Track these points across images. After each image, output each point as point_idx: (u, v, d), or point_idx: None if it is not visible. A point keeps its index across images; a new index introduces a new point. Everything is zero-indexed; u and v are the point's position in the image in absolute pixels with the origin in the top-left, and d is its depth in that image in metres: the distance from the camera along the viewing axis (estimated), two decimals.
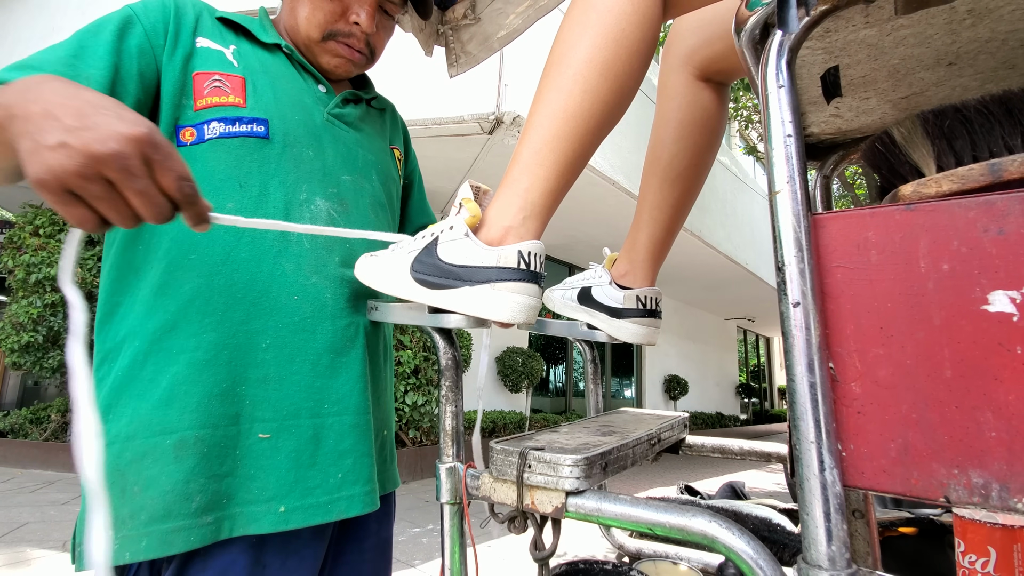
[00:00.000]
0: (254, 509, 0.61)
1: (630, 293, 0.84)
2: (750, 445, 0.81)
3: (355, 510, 0.66)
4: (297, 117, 0.73)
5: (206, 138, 0.67)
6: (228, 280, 0.65)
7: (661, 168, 0.84)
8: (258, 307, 0.65)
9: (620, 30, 0.58)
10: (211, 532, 0.58)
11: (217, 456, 0.60)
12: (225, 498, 0.60)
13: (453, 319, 0.60)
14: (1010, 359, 0.34)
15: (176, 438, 0.59)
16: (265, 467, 0.62)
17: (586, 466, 0.48)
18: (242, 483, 0.61)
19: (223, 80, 0.69)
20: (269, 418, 0.63)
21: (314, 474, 0.64)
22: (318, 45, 0.78)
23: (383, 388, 0.81)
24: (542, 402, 8.45)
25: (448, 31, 1.12)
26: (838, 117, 0.64)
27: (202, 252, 0.65)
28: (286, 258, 0.68)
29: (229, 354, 0.63)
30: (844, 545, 0.37)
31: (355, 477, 0.67)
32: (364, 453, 0.69)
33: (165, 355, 0.62)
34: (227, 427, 0.61)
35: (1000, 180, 0.39)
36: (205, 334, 0.62)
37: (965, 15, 0.45)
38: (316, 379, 0.67)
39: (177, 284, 0.63)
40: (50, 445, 4.90)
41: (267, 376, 0.64)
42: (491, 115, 4.13)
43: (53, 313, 4.85)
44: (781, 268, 0.40)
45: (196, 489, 0.58)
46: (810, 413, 0.38)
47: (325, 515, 0.63)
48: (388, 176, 0.86)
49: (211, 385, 0.61)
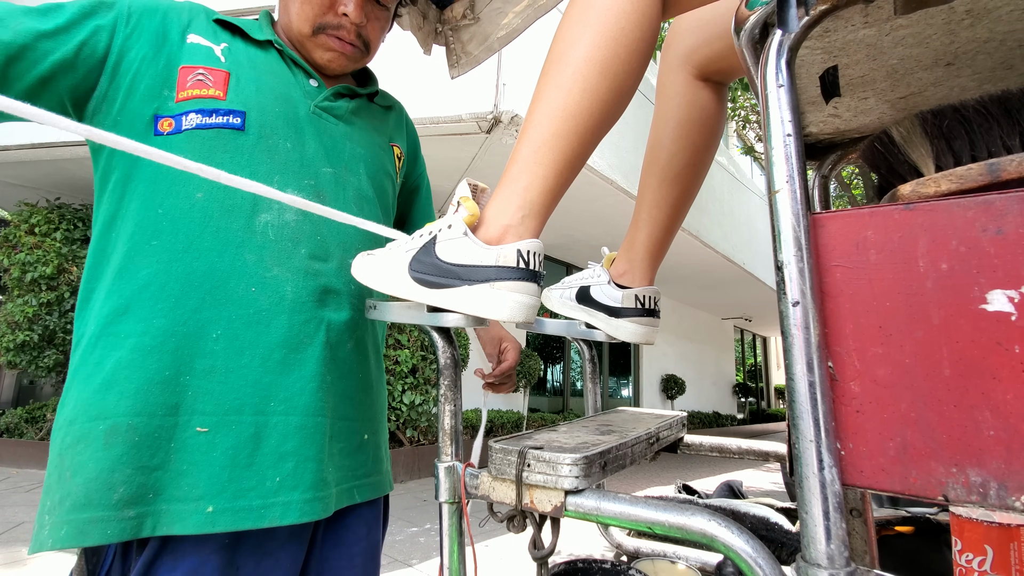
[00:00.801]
0: (180, 507, 0.58)
1: (629, 292, 0.84)
2: (748, 444, 0.82)
3: (290, 518, 0.62)
4: (277, 109, 0.73)
5: (183, 128, 0.67)
6: (187, 268, 0.64)
7: (660, 167, 0.84)
8: (213, 296, 0.64)
9: (620, 28, 0.58)
10: (131, 527, 0.56)
11: (149, 447, 0.58)
12: (152, 492, 0.58)
13: (452, 318, 0.60)
14: (1008, 358, 0.34)
15: (109, 424, 0.57)
16: (198, 463, 0.60)
17: (585, 465, 0.48)
18: (172, 478, 0.59)
19: (207, 74, 0.70)
20: (209, 411, 0.61)
21: (250, 475, 0.62)
22: (310, 40, 0.78)
23: (366, 388, 0.78)
24: (540, 401, 8.45)
25: (448, 31, 1.12)
26: (836, 117, 0.64)
27: (164, 239, 0.64)
28: (248, 248, 0.67)
29: (177, 342, 0.61)
30: (843, 544, 0.37)
31: (295, 482, 0.64)
32: (309, 457, 0.66)
33: (113, 339, 0.61)
34: (164, 417, 0.59)
35: (998, 180, 0.39)
36: (155, 319, 0.61)
37: (963, 15, 0.46)
38: (265, 375, 0.65)
39: (135, 269, 0.63)
40: (46, 444, 4.88)
41: (213, 367, 0.62)
42: (489, 114, 4.13)
43: (48, 312, 4.83)
44: (780, 267, 0.40)
45: (121, 479, 0.56)
46: (809, 412, 0.38)
47: (256, 520, 0.60)
48: (379, 170, 0.85)
49: (153, 372, 0.60)
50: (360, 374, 0.78)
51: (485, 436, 5.00)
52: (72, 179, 5.51)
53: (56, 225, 5.14)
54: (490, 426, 6.16)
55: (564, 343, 8.63)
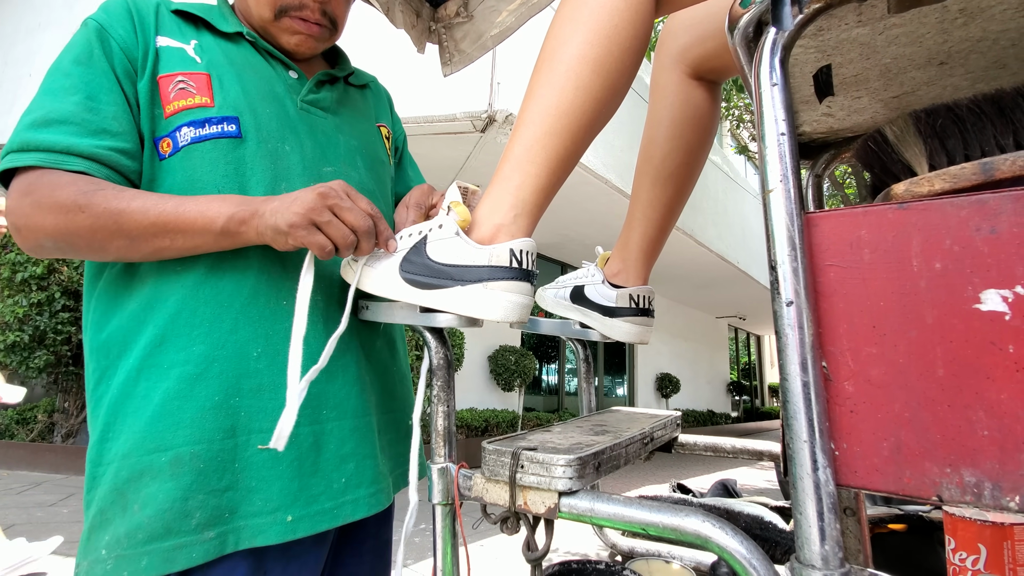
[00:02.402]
0: (259, 521, 0.59)
1: (623, 292, 0.83)
2: (742, 443, 0.82)
3: (360, 513, 0.66)
4: (269, 110, 0.70)
5: (180, 146, 0.65)
6: (213, 290, 0.63)
7: (653, 167, 0.84)
8: (246, 315, 0.64)
9: (613, 26, 0.58)
10: (215, 547, 0.57)
11: (215, 471, 0.59)
12: (227, 512, 0.59)
13: (445, 318, 0.60)
14: (1002, 358, 0.34)
15: (171, 455, 0.58)
16: (267, 478, 0.61)
17: (579, 466, 0.48)
18: (244, 496, 0.60)
19: (187, 80, 0.67)
20: (266, 428, 0.62)
21: (317, 481, 0.63)
22: (273, 25, 0.74)
23: (396, 381, 0.80)
24: (535, 400, 8.46)
25: (441, 29, 1.11)
26: (830, 116, 0.64)
27: (188, 264, 0.63)
28: (271, 262, 0.66)
29: (220, 366, 0.61)
30: (837, 544, 0.36)
31: (359, 480, 0.66)
32: (366, 455, 0.68)
33: (157, 370, 0.60)
34: (223, 440, 0.60)
35: (992, 179, 0.39)
36: (194, 347, 0.61)
37: (957, 14, 0.46)
38: (312, 385, 0.64)
39: (164, 297, 0.62)
40: (37, 446, 4.84)
41: (261, 386, 0.63)
42: (484, 113, 4.12)
43: (39, 312, 4.79)
44: (774, 267, 0.40)
45: (195, 506, 0.57)
46: (803, 412, 0.38)
47: (331, 521, 0.63)
48: (376, 160, 0.83)
49: (203, 399, 0.60)
50: (393, 367, 0.80)
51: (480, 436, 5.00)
52: None
53: None
54: (485, 425, 6.15)
55: (559, 342, 8.64)
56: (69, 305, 4.90)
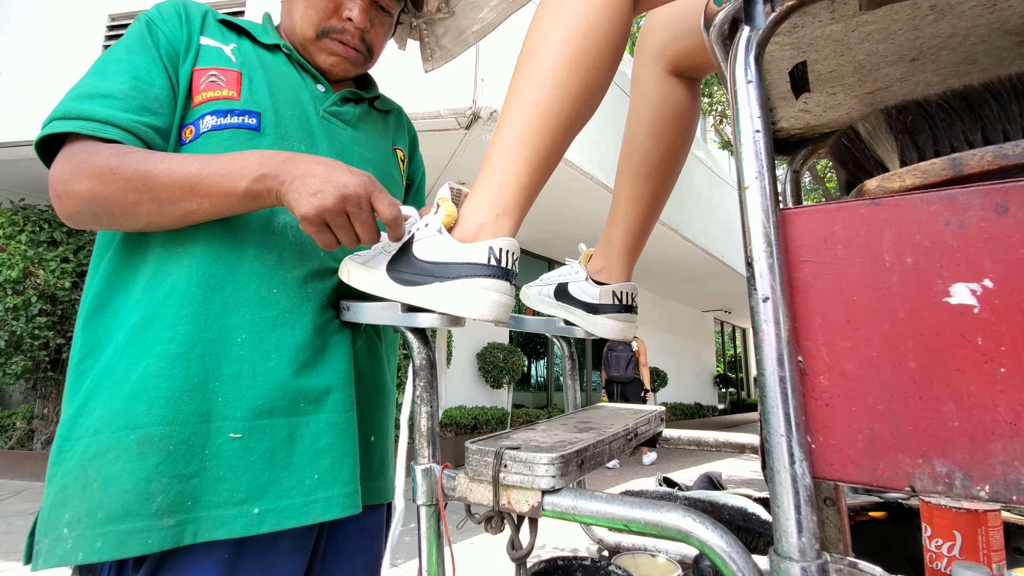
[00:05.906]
0: (223, 512, 0.58)
1: (606, 289, 0.84)
2: (724, 437, 0.82)
3: (333, 512, 0.63)
4: (291, 112, 0.73)
5: (200, 132, 0.67)
6: (208, 271, 0.63)
7: (635, 163, 0.84)
8: (236, 300, 0.64)
9: (589, 24, 0.58)
10: (172, 535, 0.56)
11: (183, 455, 0.58)
12: (190, 500, 0.58)
13: (426, 319, 0.59)
14: (971, 350, 0.35)
15: (141, 433, 0.57)
16: (236, 468, 0.60)
17: (562, 464, 0.48)
18: (210, 485, 0.59)
19: (219, 75, 0.70)
20: (240, 417, 0.61)
21: (289, 475, 0.62)
22: (313, 44, 0.78)
23: (375, 390, 0.78)
24: (524, 397, 8.48)
25: (422, 25, 1.10)
26: (807, 112, 0.65)
27: (189, 245, 0.64)
28: (268, 250, 0.67)
29: (203, 348, 0.61)
30: (814, 536, 0.37)
31: (333, 478, 0.64)
32: (344, 452, 0.66)
33: (140, 347, 0.60)
34: (196, 424, 0.59)
35: (961, 174, 0.40)
36: (180, 326, 0.61)
37: (927, 11, 0.46)
38: (293, 377, 0.64)
39: (162, 277, 0.63)
40: (15, 454, 4.74)
41: (240, 372, 0.62)
42: (468, 110, 4.11)
43: (15, 317, 4.68)
44: (751, 263, 0.41)
45: (158, 489, 0.56)
46: (780, 407, 0.38)
47: (300, 518, 0.61)
48: (387, 175, 0.85)
49: (182, 379, 0.59)
50: (371, 373, 0.78)
51: (468, 433, 5.02)
52: (37, 179, 5.33)
53: (21, 227, 4.98)
54: (474, 423, 6.15)
55: (547, 339, 8.65)
56: (46, 309, 4.80)
